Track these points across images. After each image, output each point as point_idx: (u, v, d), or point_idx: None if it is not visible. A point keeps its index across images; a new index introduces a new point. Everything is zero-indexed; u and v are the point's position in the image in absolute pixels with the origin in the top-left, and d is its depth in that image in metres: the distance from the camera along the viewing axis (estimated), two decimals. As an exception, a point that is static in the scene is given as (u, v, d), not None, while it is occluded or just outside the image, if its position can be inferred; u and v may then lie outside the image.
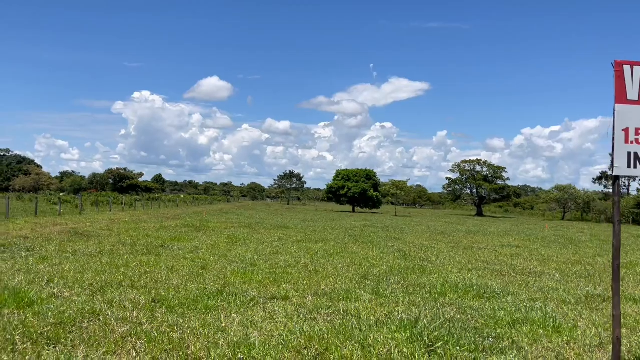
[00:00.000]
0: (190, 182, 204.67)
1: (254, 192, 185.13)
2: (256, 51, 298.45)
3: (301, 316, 7.18)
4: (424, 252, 17.16)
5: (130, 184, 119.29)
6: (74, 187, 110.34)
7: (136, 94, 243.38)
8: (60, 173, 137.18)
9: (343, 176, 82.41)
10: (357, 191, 79.17)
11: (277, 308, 7.64)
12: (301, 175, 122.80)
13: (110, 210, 40.92)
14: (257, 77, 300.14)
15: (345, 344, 5.78)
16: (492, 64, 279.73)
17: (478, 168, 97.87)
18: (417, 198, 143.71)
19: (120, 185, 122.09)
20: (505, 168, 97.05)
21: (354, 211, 79.22)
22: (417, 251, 17.54)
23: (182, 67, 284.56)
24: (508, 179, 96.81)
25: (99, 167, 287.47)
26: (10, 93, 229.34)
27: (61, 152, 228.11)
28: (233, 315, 7.11)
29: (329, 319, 7.11)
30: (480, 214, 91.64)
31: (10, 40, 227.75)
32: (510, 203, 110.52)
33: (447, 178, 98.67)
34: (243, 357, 5.26)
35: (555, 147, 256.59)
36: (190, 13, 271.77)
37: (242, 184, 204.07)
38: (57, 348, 5.36)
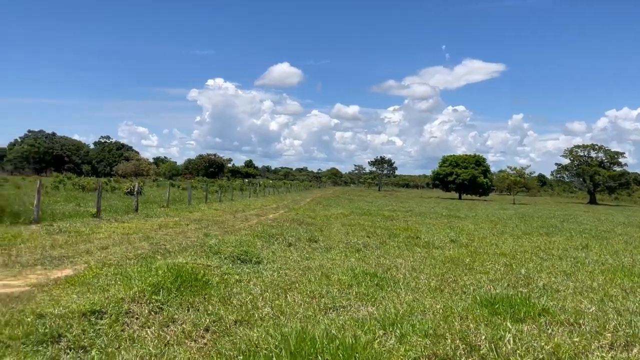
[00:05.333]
0: (267, 167, 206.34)
1: (335, 177, 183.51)
2: (326, 36, 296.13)
3: None
4: None
5: (220, 168, 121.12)
6: (172, 172, 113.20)
7: (210, 82, 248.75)
8: (153, 159, 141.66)
9: (451, 162, 78.06)
10: (467, 177, 74.64)
11: None
12: (392, 161, 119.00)
13: (250, 196, 39.83)
14: (326, 62, 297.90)
15: None
16: (573, 42, 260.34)
17: (593, 154, 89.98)
18: (512, 185, 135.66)
19: (210, 170, 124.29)
20: (624, 153, 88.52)
21: (460, 198, 74.88)
22: None
23: (254, 54, 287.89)
24: (626, 164, 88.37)
25: (176, 152, 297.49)
26: (94, 83, 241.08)
27: (142, 139, 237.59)
28: None
29: None
30: (593, 201, 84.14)
31: (93, 34, 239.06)
32: (626, 191, 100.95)
33: (556, 164, 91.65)
34: None
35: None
36: (261, 0, 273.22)
37: (320, 169, 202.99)
38: None
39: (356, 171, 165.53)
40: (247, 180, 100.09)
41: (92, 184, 35.25)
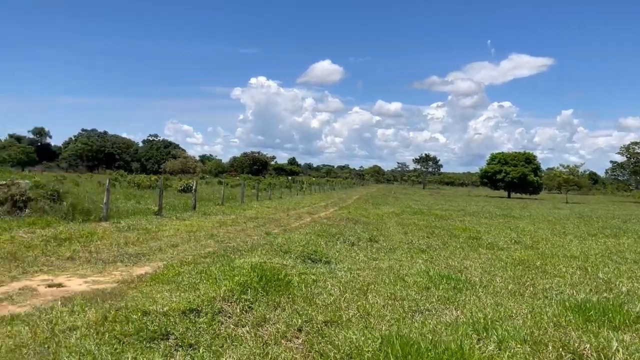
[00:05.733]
0: (308, 165, 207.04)
1: (377, 175, 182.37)
2: (367, 33, 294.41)
3: None
4: None
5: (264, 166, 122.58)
6: (217, 170, 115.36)
7: (253, 80, 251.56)
8: (199, 156, 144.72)
9: (499, 160, 76.18)
10: (516, 175, 72.67)
11: None
12: (437, 159, 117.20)
13: (297, 195, 40.16)
14: (367, 59, 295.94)
15: None
16: (625, 34, 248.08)
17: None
18: (563, 183, 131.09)
19: (254, 167, 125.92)
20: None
21: (509, 197, 72.96)
22: None
23: (296, 53, 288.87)
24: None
25: (220, 150, 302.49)
26: (143, 82, 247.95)
27: (187, 137, 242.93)
28: None
29: None
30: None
31: (143, 36, 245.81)
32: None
33: (611, 162, 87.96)
34: None
35: None
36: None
37: (361, 166, 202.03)
38: None
39: (399, 169, 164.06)
40: (290, 177, 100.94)
41: (146, 182, 36.36)
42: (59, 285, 7.07)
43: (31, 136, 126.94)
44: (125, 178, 49.14)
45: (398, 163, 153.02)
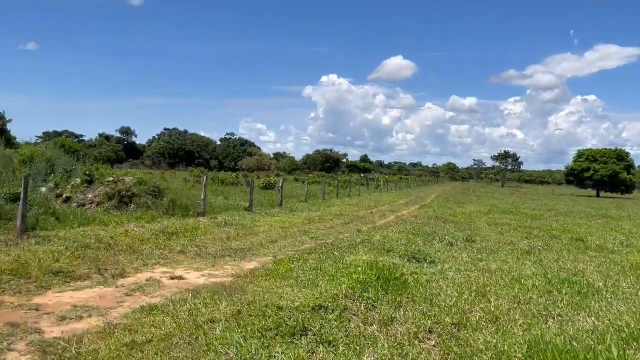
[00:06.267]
0: (380, 162, 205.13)
1: (452, 172, 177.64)
2: (440, 27, 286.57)
3: None
4: None
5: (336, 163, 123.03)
6: (291, 167, 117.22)
7: (324, 78, 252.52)
8: (273, 154, 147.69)
9: (587, 157, 71.77)
10: (606, 173, 68.12)
11: None
12: (517, 156, 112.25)
13: (374, 192, 40.03)
14: (441, 54, 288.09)
15: None
16: None
17: None
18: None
19: (327, 165, 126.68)
20: None
21: (598, 195, 68.50)
22: None
23: (367, 49, 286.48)
24: None
25: (291, 148, 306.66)
26: (219, 82, 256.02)
27: (260, 135, 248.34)
28: None
29: None
30: None
31: (217, 39, 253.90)
32: None
33: None
34: None
35: None
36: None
37: (435, 164, 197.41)
38: None
39: (475, 166, 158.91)
40: (362, 175, 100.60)
41: (229, 179, 37.57)
42: (180, 277, 7.40)
43: (118, 135, 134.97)
44: (208, 175, 51.03)
45: (474, 160, 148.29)
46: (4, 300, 5.76)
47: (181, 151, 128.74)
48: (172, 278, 7.34)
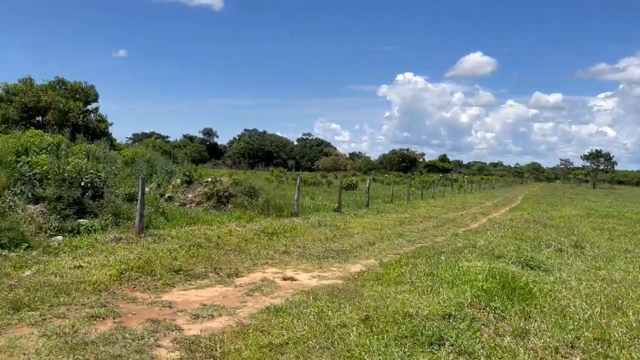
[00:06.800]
0: (458, 162, 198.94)
1: (536, 172, 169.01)
2: (522, 21, 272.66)
3: None
4: None
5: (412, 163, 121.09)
6: (367, 167, 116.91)
7: (399, 77, 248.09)
8: (349, 154, 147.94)
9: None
10: None
11: None
12: (611, 155, 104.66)
13: (458, 193, 38.99)
14: (523, 49, 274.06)
15: None
16: None
17: None
18: None
19: (403, 165, 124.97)
20: None
21: None
22: None
23: (444, 46, 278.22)
24: None
25: (366, 147, 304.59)
26: (294, 83, 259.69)
27: (334, 135, 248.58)
28: None
29: None
30: None
31: (292, 40, 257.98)
32: None
33: None
34: None
35: None
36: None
37: (517, 163, 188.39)
38: None
39: (561, 166, 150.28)
40: (441, 175, 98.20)
41: (310, 179, 38.04)
42: (292, 279, 7.51)
43: (201, 136, 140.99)
44: (287, 175, 52.00)
45: (560, 160, 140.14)
46: (137, 297, 6.11)
47: (260, 151, 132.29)
48: (284, 279, 7.46)
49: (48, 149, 14.74)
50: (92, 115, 38.44)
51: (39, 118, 35.50)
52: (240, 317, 5.40)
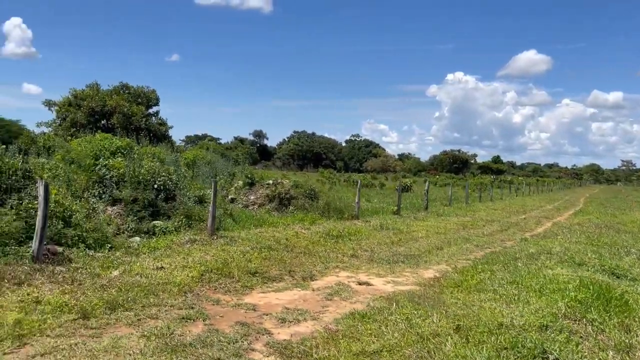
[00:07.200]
0: (511, 163, 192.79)
1: (596, 174, 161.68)
2: (579, 17, 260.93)
3: None
4: None
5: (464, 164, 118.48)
6: (417, 168, 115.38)
7: (449, 76, 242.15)
8: (398, 155, 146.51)
9: None
10: None
11: None
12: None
13: (516, 196, 37.91)
14: (580, 46, 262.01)
15: None
16: None
17: None
18: None
19: (454, 166, 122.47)
20: None
21: None
22: None
23: (496, 45, 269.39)
24: None
25: (414, 148, 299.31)
26: (342, 83, 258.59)
27: (382, 136, 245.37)
28: None
29: None
30: None
31: (336, 41, 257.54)
32: None
33: None
34: None
35: None
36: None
37: (574, 165, 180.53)
38: None
39: (623, 167, 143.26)
40: (494, 176, 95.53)
41: (363, 181, 37.89)
42: (367, 283, 7.44)
43: (251, 138, 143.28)
44: (338, 177, 52.00)
45: (622, 161, 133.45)
46: (220, 299, 6.21)
47: (309, 153, 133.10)
48: (359, 283, 7.40)
49: (117, 152, 15.34)
50: (154, 118, 39.87)
51: (104, 122, 37.11)
52: (326, 322, 5.38)
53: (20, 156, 8.41)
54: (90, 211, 8.36)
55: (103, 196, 9.94)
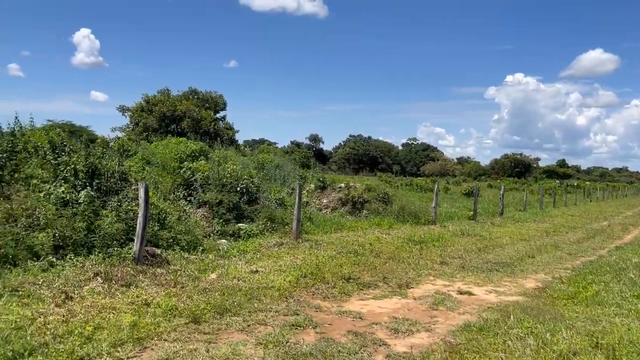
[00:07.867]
0: (576, 167, 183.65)
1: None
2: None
3: None
4: None
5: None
6: (477, 172, 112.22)
7: (509, 78, 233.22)
8: (456, 159, 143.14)
9: None
10: None
11: None
12: None
13: (597, 200, 36.04)
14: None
15: None
16: None
17: None
18: None
19: (516, 170, 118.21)
20: None
21: None
22: None
23: (558, 44, 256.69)
24: None
25: (472, 152, 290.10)
26: (397, 86, 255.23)
27: (439, 139, 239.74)
28: None
29: None
30: None
31: (394, 42, 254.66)
32: None
33: None
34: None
35: None
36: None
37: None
38: None
39: None
40: (558, 181, 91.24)
41: (426, 185, 37.08)
42: (469, 293, 7.05)
43: (308, 142, 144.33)
44: (396, 180, 51.20)
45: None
46: (320, 305, 6.02)
47: (365, 157, 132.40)
48: (460, 293, 7.03)
49: (192, 155, 15.63)
50: (221, 123, 40.79)
51: (174, 126, 38.32)
52: (441, 334, 5.07)
53: (117, 159, 8.58)
54: (182, 213, 8.43)
55: (189, 198, 10.04)
